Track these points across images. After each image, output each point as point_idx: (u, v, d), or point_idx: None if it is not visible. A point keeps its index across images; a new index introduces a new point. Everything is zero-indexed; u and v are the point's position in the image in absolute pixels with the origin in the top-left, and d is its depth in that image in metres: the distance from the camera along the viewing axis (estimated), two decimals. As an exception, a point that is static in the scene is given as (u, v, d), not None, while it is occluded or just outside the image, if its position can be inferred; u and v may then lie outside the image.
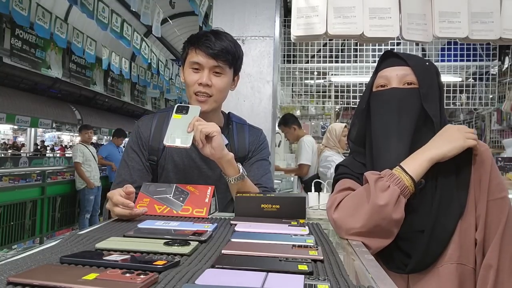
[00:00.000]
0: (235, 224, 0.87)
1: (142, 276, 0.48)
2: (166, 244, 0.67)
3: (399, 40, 1.63)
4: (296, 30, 1.57)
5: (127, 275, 0.48)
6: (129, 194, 0.93)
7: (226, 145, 1.19)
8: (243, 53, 1.23)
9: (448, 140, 0.87)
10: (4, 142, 16.01)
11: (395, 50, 1.02)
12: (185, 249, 0.64)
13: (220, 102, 1.21)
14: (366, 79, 1.06)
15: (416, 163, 0.87)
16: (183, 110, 1.04)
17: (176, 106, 1.06)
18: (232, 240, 0.73)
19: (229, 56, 1.15)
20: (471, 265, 0.87)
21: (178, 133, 1.01)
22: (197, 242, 0.70)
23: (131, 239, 0.71)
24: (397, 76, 0.95)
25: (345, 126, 3.40)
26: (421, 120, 0.93)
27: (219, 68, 1.15)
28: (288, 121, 3.75)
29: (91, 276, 0.48)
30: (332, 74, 4.24)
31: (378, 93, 0.98)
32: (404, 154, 0.90)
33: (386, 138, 0.94)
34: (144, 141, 1.21)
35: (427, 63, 0.98)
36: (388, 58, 0.99)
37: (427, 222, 0.87)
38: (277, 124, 3.96)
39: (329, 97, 4.54)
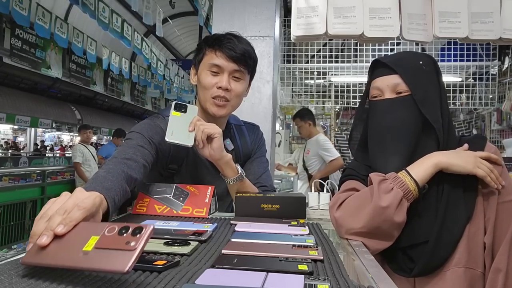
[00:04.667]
0: (235, 224, 0.87)
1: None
2: (166, 244, 0.67)
3: (399, 40, 1.63)
4: (296, 30, 1.57)
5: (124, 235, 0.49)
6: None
7: (231, 151, 1.19)
8: (257, 60, 1.20)
9: (460, 157, 0.87)
10: (6, 142, 16.04)
11: (395, 50, 1.02)
12: (185, 249, 0.64)
13: (235, 108, 1.17)
14: (366, 79, 1.05)
15: (422, 168, 0.86)
16: (182, 108, 1.02)
17: (174, 104, 1.04)
18: (232, 240, 0.73)
19: (250, 61, 1.12)
20: (480, 269, 0.86)
21: (179, 131, 1.00)
22: (197, 242, 0.70)
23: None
24: (388, 87, 0.93)
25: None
26: (419, 127, 0.91)
27: (239, 72, 1.11)
28: (304, 116, 3.73)
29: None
30: (332, 74, 4.24)
31: (373, 103, 0.97)
32: (403, 167, 0.89)
33: (383, 153, 0.93)
34: (165, 147, 1.10)
35: (421, 62, 0.94)
36: (378, 67, 0.97)
37: (433, 227, 0.87)
38: (292, 117, 3.98)
39: (329, 97, 4.53)
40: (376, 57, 1.04)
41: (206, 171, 1.18)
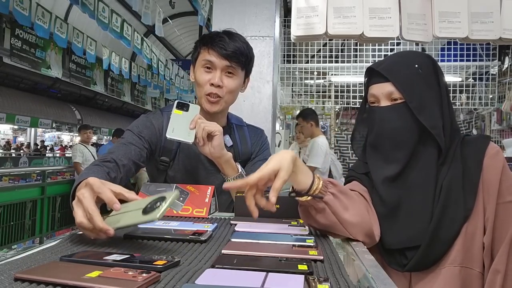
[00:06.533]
0: (235, 224, 0.87)
1: (144, 275, 0.48)
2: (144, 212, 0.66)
3: (399, 40, 1.63)
4: (296, 30, 1.57)
5: (130, 273, 0.49)
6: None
7: (230, 147, 1.20)
8: (254, 55, 1.21)
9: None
10: (7, 142, 16.05)
11: (395, 50, 1.01)
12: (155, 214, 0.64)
13: (229, 104, 1.19)
14: (366, 80, 1.04)
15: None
16: (184, 107, 1.04)
17: (176, 102, 1.06)
18: (232, 240, 0.73)
19: (242, 57, 1.14)
20: (477, 269, 0.86)
21: (180, 128, 1.02)
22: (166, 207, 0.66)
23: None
24: (383, 94, 0.91)
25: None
26: (416, 134, 0.89)
27: (232, 68, 1.13)
28: (307, 116, 3.70)
29: (95, 273, 0.49)
30: (332, 74, 4.24)
31: (371, 109, 0.96)
32: (399, 173, 0.89)
33: (380, 160, 0.93)
34: (156, 140, 1.15)
35: (417, 66, 0.91)
36: (373, 74, 0.95)
37: (428, 226, 0.86)
38: (296, 115, 3.97)
39: (329, 97, 4.54)
40: (376, 57, 1.04)
41: (201, 167, 1.19)
